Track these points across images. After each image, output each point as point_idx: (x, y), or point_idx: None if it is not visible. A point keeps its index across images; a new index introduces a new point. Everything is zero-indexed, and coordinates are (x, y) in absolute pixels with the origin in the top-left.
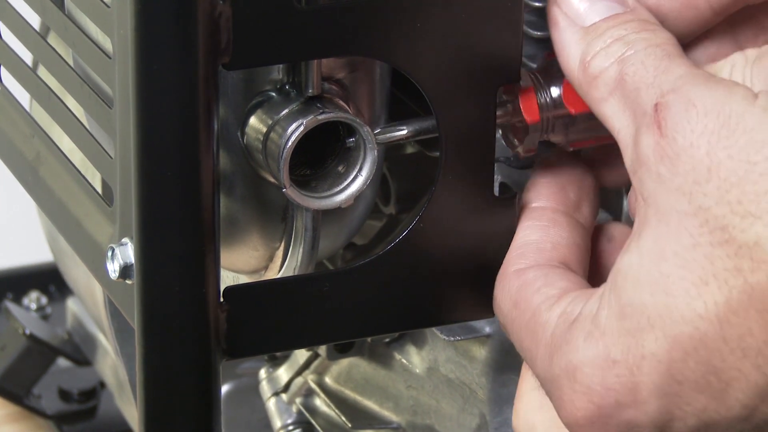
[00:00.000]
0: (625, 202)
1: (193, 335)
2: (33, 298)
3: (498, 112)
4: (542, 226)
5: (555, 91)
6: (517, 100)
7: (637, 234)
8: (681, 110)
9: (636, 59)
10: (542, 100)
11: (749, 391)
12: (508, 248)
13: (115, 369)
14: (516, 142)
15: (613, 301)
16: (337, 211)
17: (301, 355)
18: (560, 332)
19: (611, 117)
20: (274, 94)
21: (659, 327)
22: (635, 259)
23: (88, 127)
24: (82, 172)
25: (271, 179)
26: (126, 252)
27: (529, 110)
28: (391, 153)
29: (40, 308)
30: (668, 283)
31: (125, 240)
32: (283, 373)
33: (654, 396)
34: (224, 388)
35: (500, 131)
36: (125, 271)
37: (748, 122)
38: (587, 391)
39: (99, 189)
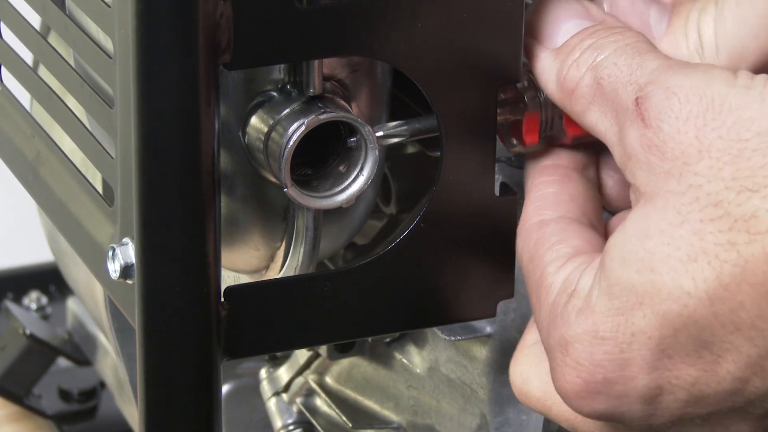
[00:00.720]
0: None
1: (193, 335)
2: (33, 298)
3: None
4: (556, 180)
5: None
6: (518, 102)
7: (627, 218)
8: (662, 99)
9: (608, 62)
10: (542, 99)
11: (741, 362)
12: (509, 248)
13: (116, 369)
14: (514, 141)
15: (603, 280)
16: (338, 211)
17: (301, 354)
18: (559, 303)
19: (596, 124)
20: (275, 93)
21: (647, 304)
22: (621, 239)
23: (88, 127)
24: (83, 172)
25: (272, 179)
26: (127, 252)
27: (530, 132)
28: (392, 153)
29: (41, 308)
30: (654, 261)
31: (126, 240)
32: (284, 373)
33: (643, 371)
34: (225, 388)
35: (498, 131)
36: (126, 271)
37: (733, 102)
38: (576, 366)
39: (100, 189)
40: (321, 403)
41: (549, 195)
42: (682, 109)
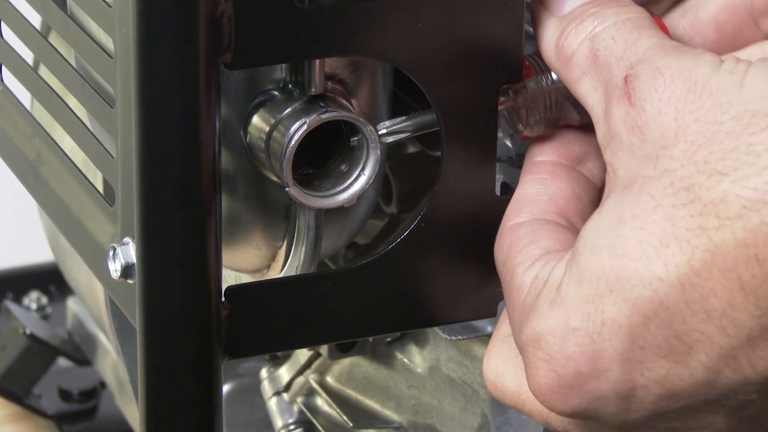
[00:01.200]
0: None
1: (194, 335)
2: (33, 298)
3: (500, 98)
4: (541, 179)
5: (555, 74)
6: (520, 86)
7: (602, 202)
8: (649, 79)
9: (606, 34)
10: (544, 83)
11: (713, 353)
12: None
13: (116, 369)
14: (520, 126)
15: (574, 267)
16: (340, 210)
17: (302, 354)
18: (530, 299)
19: (586, 95)
20: (276, 93)
21: (618, 291)
22: (594, 225)
23: (89, 126)
24: (84, 172)
25: (274, 178)
26: (127, 251)
27: (531, 133)
28: (393, 152)
29: (41, 308)
30: (626, 246)
31: (127, 239)
32: (285, 373)
33: (615, 363)
34: (225, 388)
35: (503, 117)
36: (127, 270)
37: (714, 85)
38: (549, 359)
39: (100, 188)
40: (322, 402)
41: (529, 195)
42: (666, 89)
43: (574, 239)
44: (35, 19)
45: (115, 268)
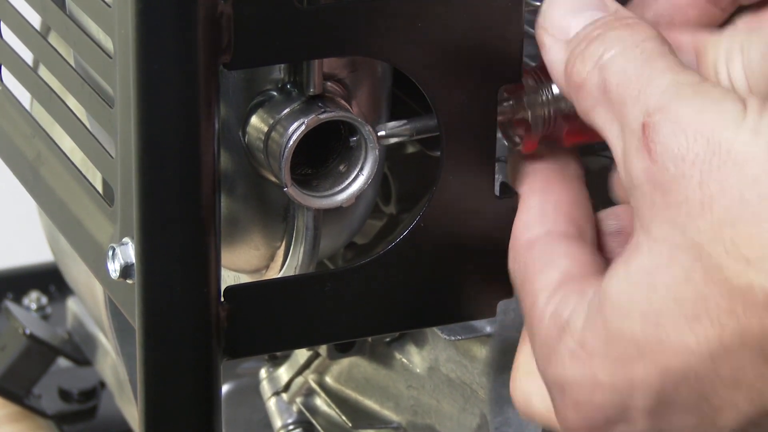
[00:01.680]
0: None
1: (193, 335)
2: (33, 298)
3: (499, 109)
4: (539, 188)
5: (556, 88)
6: (519, 99)
7: (627, 258)
8: (669, 134)
9: (617, 66)
10: (543, 98)
11: (740, 417)
12: (509, 248)
13: (116, 369)
14: (517, 139)
15: (600, 325)
16: (339, 211)
17: (301, 354)
18: (551, 339)
19: (602, 127)
20: (275, 93)
21: (649, 357)
22: (624, 287)
23: (89, 126)
24: (83, 172)
25: (273, 178)
26: (127, 252)
27: (528, 146)
28: (392, 152)
29: (41, 308)
30: (659, 316)
31: (126, 240)
32: (284, 373)
33: (643, 415)
34: (225, 388)
35: (501, 129)
36: (126, 270)
37: (739, 151)
38: (576, 405)
39: (100, 189)
40: (321, 402)
41: (534, 206)
42: (689, 149)
43: (588, 256)
44: (35, 19)
45: (114, 268)
